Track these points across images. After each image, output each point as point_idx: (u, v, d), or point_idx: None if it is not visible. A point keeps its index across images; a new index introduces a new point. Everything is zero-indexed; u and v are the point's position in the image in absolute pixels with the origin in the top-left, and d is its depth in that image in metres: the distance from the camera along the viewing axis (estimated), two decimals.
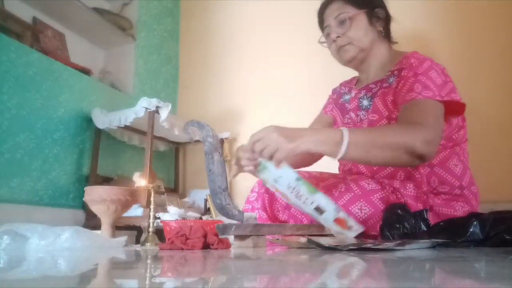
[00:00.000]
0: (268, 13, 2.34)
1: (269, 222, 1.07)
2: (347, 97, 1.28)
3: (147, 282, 0.42)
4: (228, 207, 0.87)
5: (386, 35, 1.20)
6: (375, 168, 1.10)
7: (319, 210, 0.88)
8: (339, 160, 1.13)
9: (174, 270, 0.53)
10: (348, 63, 1.21)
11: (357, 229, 0.90)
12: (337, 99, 1.32)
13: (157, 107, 1.81)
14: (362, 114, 1.18)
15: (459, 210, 1.03)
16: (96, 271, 0.57)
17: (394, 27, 1.22)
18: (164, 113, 1.82)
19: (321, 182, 1.05)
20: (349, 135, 0.85)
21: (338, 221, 0.89)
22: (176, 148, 2.47)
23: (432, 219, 0.96)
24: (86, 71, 2.08)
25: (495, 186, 1.54)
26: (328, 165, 1.17)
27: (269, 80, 2.26)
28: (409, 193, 1.03)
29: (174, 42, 2.70)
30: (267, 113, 2.21)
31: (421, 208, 0.99)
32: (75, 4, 1.99)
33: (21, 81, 1.69)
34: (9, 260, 0.75)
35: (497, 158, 1.59)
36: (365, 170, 1.12)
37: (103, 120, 1.91)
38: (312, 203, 0.88)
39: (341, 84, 1.36)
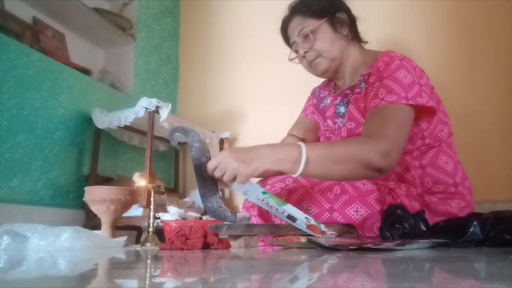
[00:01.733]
0: (268, 13, 2.33)
1: None
2: (326, 101, 1.26)
3: (147, 282, 0.42)
4: (220, 210, 0.87)
5: (354, 37, 1.17)
6: None
7: (291, 218, 0.89)
8: None
9: (174, 270, 0.53)
10: (323, 75, 1.19)
11: (331, 234, 0.90)
12: (317, 104, 1.29)
13: (157, 107, 1.81)
14: (340, 121, 1.16)
15: (456, 207, 1.02)
16: (96, 271, 0.57)
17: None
18: (164, 113, 1.82)
19: (316, 186, 1.03)
20: (307, 151, 0.84)
21: (311, 227, 0.90)
22: (176, 148, 2.47)
23: (429, 218, 0.96)
24: (86, 71, 2.08)
25: (495, 186, 1.54)
26: None
27: (269, 80, 2.26)
28: (405, 193, 1.02)
29: (174, 42, 2.71)
30: (267, 113, 2.22)
31: (418, 207, 0.99)
32: (75, 4, 1.99)
33: (21, 81, 1.69)
34: (9, 260, 0.75)
35: (497, 159, 1.59)
36: None
37: (103, 120, 1.91)
38: (283, 212, 0.89)
39: (320, 88, 1.33)
